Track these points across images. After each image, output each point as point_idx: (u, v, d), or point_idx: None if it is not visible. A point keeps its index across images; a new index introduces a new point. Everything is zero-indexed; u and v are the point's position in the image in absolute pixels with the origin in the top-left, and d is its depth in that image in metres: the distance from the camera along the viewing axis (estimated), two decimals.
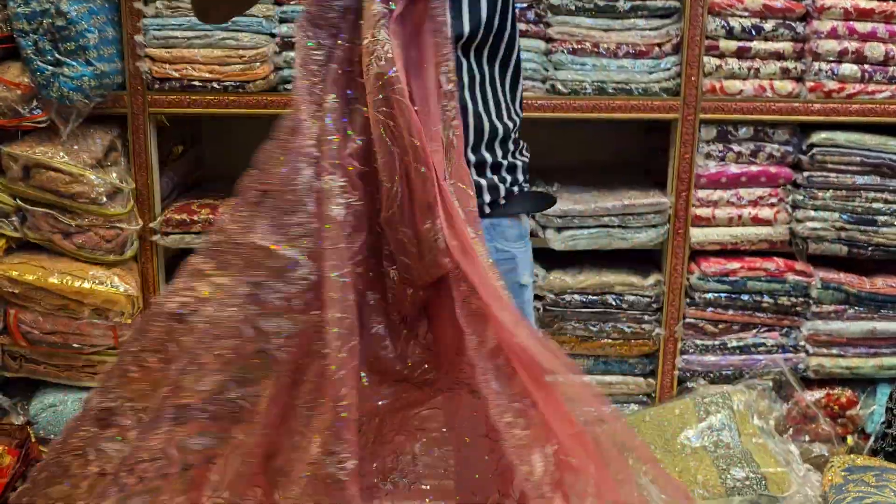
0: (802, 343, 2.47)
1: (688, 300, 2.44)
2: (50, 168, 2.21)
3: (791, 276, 2.40)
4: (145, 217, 2.35)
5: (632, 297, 2.44)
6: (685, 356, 2.49)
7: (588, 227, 2.39)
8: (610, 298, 2.44)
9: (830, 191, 2.36)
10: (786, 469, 2.21)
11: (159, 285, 2.42)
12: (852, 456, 2.23)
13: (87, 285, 2.26)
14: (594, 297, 2.43)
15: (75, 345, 2.34)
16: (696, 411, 2.41)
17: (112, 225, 2.29)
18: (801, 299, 2.42)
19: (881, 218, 2.36)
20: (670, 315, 2.44)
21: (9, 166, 2.24)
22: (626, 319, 2.45)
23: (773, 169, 2.38)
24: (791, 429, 2.47)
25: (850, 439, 2.47)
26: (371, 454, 1.18)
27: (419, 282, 1.13)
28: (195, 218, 2.34)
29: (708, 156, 2.37)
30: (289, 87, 2.25)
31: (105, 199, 2.26)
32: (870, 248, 2.39)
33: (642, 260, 2.53)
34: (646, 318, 2.45)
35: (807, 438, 2.47)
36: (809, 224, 2.37)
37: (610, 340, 2.46)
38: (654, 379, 2.51)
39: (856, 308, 2.44)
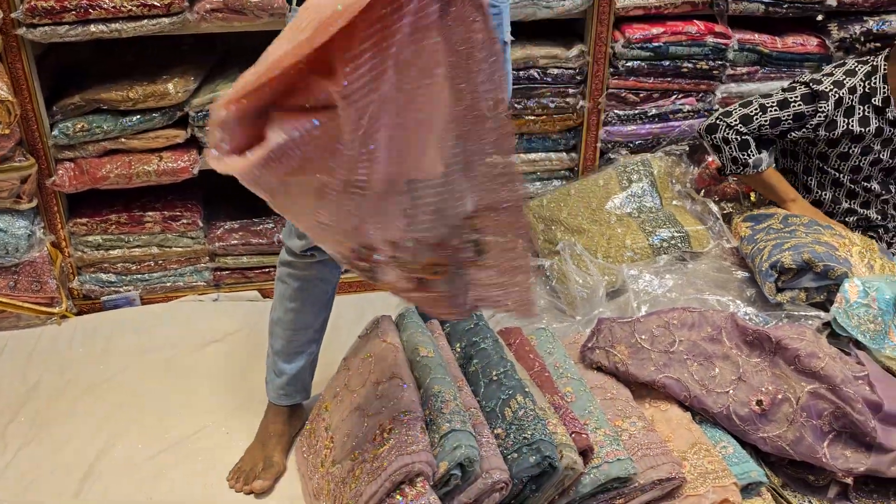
0: (716, 106, 2.52)
1: (611, 70, 2.40)
2: None
3: (710, 39, 2.39)
4: (2, 6, 1.98)
5: (556, 71, 2.36)
6: (607, 127, 2.49)
7: None
8: (534, 73, 2.36)
9: None
10: (704, 227, 2.33)
11: (34, 89, 2.10)
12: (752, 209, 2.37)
13: None
14: (518, 73, 2.34)
15: None
16: (618, 180, 2.46)
17: None
18: (718, 62, 2.43)
19: None
20: (594, 86, 2.40)
21: None
22: (550, 94, 2.39)
23: None
24: (702, 190, 2.59)
25: (752, 196, 2.61)
26: None
27: None
28: (66, 4, 2.00)
29: None
30: None
31: None
32: (785, 6, 2.39)
33: (564, 32, 2.43)
34: (570, 90, 2.40)
35: (716, 198, 2.60)
36: None
37: (534, 117, 2.42)
38: (576, 153, 2.52)
39: (767, 68, 2.50)
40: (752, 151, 2.19)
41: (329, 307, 1.79)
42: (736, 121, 2.17)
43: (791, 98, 2.15)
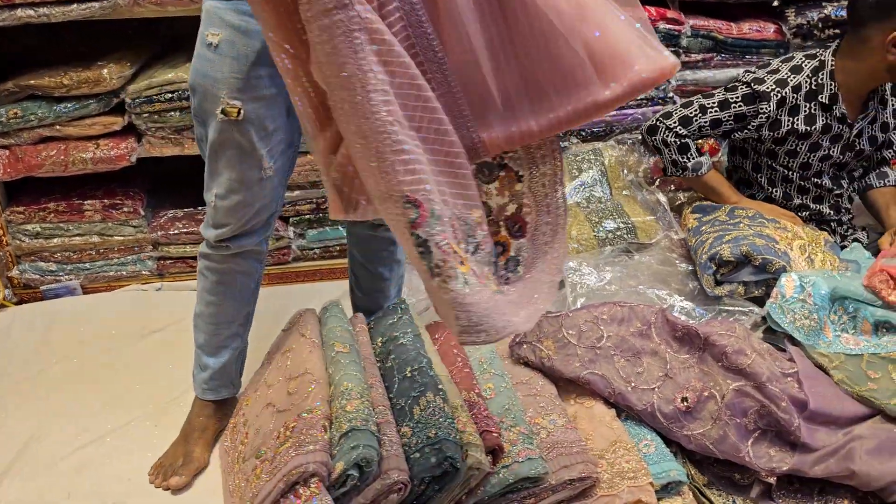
0: (671, 94, 2.47)
1: None
2: None
3: (662, 25, 2.33)
4: None
5: None
6: None
7: None
8: None
9: None
10: (653, 218, 2.29)
11: None
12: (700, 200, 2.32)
13: None
14: None
15: None
16: (568, 170, 2.42)
17: None
18: (671, 49, 2.37)
19: None
20: None
21: None
22: None
23: None
24: (657, 180, 2.54)
25: None
26: None
27: None
28: None
29: None
30: None
31: None
32: None
33: None
34: None
35: (672, 188, 2.55)
36: None
37: None
38: None
39: (722, 55, 2.44)
40: (691, 155, 2.14)
41: (252, 301, 1.75)
42: (675, 123, 2.13)
43: (732, 99, 2.10)
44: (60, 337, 2.21)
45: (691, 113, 2.12)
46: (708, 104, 2.12)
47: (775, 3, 2.40)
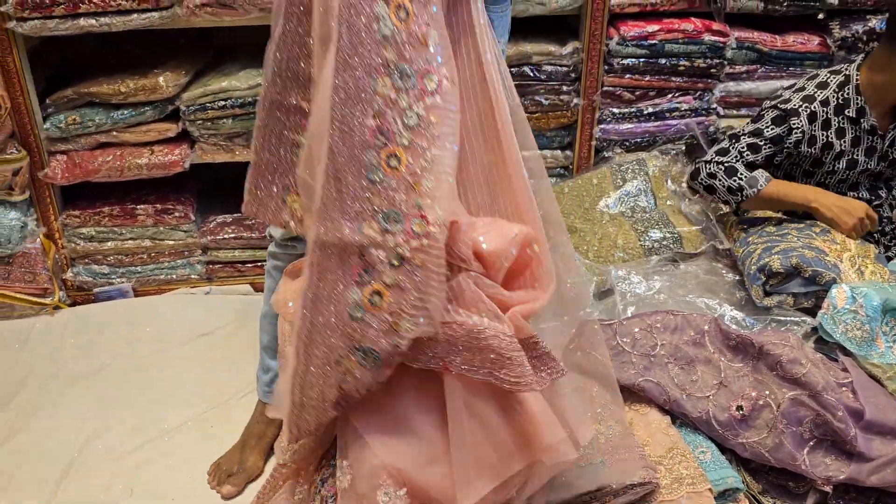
0: (714, 105, 2.48)
1: (606, 67, 2.37)
2: None
3: (708, 37, 2.35)
4: None
5: (549, 68, 2.34)
6: (602, 125, 2.47)
7: None
8: (527, 70, 2.34)
9: None
10: (698, 228, 2.30)
11: (25, 82, 2.12)
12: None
13: None
14: (511, 70, 2.32)
15: None
16: (612, 179, 2.44)
17: None
18: (716, 61, 2.39)
19: None
20: (588, 84, 2.37)
21: None
22: (544, 91, 2.37)
23: None
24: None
25: None
26: None
27: None
28: None
29: None
30: None
31: None
32: (784, 4, 2.35)
33: (558, 29, 2.41)
34: (564, 88, 2.38)
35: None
36: None
37: (527, 114, 2.40)
38: (571, 151, 2.50)
39: (766, 67, 2.46)
40: (742, 174, 2.08)
41: None
42: (713, 155, 2.12)
43: (763, 126, 2.08)
44: (113, 338, 2.25)
45: (726, 144, 2.11)
46: (740, 133, 2.12)
47: (821, 17, 2.42)
